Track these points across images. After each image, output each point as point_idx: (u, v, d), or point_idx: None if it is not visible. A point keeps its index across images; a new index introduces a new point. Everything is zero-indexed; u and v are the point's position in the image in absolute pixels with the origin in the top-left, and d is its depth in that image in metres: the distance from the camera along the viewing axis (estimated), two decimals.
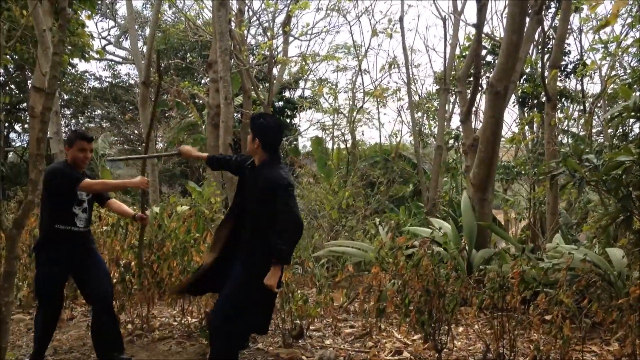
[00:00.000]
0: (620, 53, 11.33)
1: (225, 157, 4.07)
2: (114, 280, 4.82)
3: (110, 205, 4.36)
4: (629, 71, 11.60)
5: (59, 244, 3.98)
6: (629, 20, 11.36)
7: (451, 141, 14.64)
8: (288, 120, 19.75)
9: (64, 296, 4.30)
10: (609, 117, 5.41)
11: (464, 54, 12.99)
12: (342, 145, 15.60)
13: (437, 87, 14.98)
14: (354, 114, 15.05)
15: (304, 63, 15.09)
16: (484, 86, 9.19)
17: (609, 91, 10.93)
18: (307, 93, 20.22)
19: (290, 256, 3.39)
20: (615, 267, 4.93)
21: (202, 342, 4.72)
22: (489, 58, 13.16)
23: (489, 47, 12.95)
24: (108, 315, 4.13)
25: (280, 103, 19.19)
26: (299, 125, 20.06)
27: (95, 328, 4.12)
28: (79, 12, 9.48)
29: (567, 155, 5.43)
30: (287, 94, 19.93)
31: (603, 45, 11.81)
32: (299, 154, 17.91)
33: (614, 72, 11.91)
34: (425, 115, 16.89)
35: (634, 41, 9.24)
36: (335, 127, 16.33)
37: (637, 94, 5.43)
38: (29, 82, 14.24)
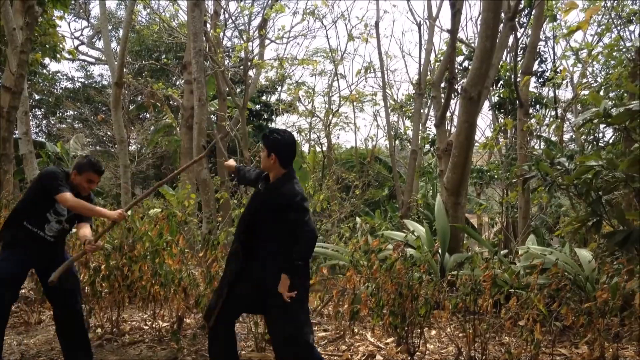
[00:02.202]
0: (590, 61, 11.56)
1: (247, 171, 4.02)
2: (83, 283, 4.73)
3: (78, 227, 4.14)
4: (598, 78, 11.85)
5: (20, 243, 3.87)
6: (599, 30, 11.62)
7: (427, 146, 14.76)
8: (264, 124, 19.71)
9: (17, 298, 4.09)
10: (580, 122, 5.49)
11: (440, 59, 13.11)
12: (318, 149, 15.60)
13: (414, 91, 15.09)
14: (330, 117, 15.07)
15: (280, 66, 15.06)
16: (459, 91, 9.28)
17: (582, 97, 11.15)
18: (284, 97, 20.21)
19: (296, 269, 3.32)
20: (585, 271, 5.00)
21: (173, 346, 4.65)
22: (466, 64, 13.31)
23: (467, 53, 13.10)
24: (78, 319, 4.06)
25: (257, 106, 19.14)
26: None
27: (64, 333, 4.03)
28: (49, 12, 9.33)
29: (539, 158, 5.50)
30: (264, 97, 19.91)
31: (574, 53, 12.04)
32: None
33: (585, 80, 12.14)
34: (400, 119, 17.00)
35: (605, 47, 9.43)
36: (312, 130, 16.35)
37: (607, 101, 5.53)
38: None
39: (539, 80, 13.34)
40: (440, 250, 6.27)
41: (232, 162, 4.22)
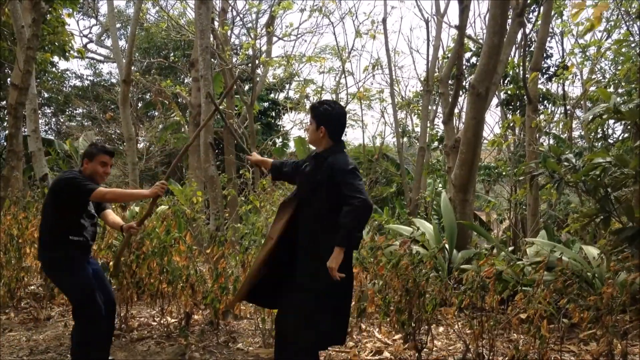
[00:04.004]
0: (599, 57, 11.48)
1: (284, 164, 3.77)
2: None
3: (105, 216, 4.14)
4: (607, 75, 11.77)
5: (74, 254, 3.82)
6: (607, 26, 11.53)
7: (435, 143, 14.72)
8: (272, 122, 19.73)
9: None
10: (589, 118, 5.45)
11: (448, 55, 13.07)
12: None
13: (422, 88, 15.05)
14: None
15: (287, 64, 15.07)
16: (467, 88, 9.23)
17: (590, 93, 11.07)
18: (292, 94, 20.23)
19: (357, 239, 3.11)
20: (593, 267, 4.97)
21: (181, 342, 4.67)
22: (474, 60, 13.25)
23: (474, 49, 13.04)
24: (112, 320, 4.11)
25: (265, 104, 19.16)
26: (283, 127, 20.05)
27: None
28: (58, 9, 9.38)
29: (547, 155, 5.47)
30: (272, 95, 19.93)
31: (581, 50, 11.96)
32: (283, 154, 17.91)
33: (593, 76, 12.06)
34: (408, 116, 16.97)
35: (614, 42, 9.36)
36: None
37: (616, 97, 5.49)
38: (8, 79, 14.06)
39: (545, 76, 13.25)
40: (447, 247, 6.25)
41: (257, 155, 3.99)
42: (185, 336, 4.62)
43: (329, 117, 3.31)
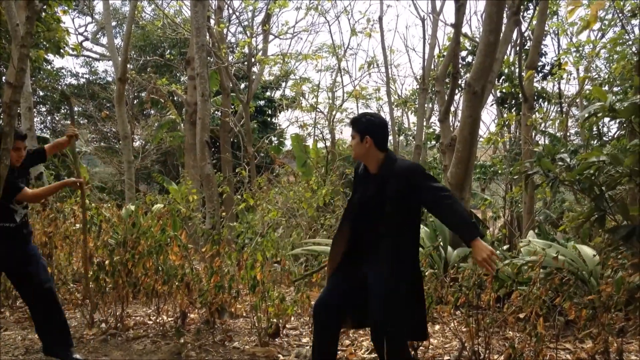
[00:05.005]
0: (594, 56, 11.51)
1: None
2: (87, 279, 4.77)
3: (48, 153, 4.54)
4: (602, 73, 11.79)
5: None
6: (602, 26, 11.55)
7: (432, 141, 14.73)
8: (269, 120, 19.72)
9: None
10: (585, 116, 5.46)
11: (444, 53, 13.07)
12: (321, 144, 15.59)
13: (418, 86, 15.05)
14: (334, 112, 15.06)
15: (283, 62, 15.06)
16: (463, 86, 9.24)
17: (586, 92, 11.09)
18: (288, 92, 20.22)
19: (478, 227, 3.18)
20: (589, 265, 4.99)
21: (176, 341, 4.66)
22: (470, 59, 13.27)
23: (470, 48, 13.05)
24: (51, 312, 4.15)
25: (262, 102, 19.14)
26: (279, 125, 20.04)
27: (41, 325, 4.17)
28: (53, 7, 9.34)
29: (541, 155, 5.47)
30: (268, 93, 19.92)
31: (575, 49, 11.98)
32: (280, 152, 17.90)
33: (589, 74, 12.08)
34: (404, 114, 16.99)
35: (609, 41, 9.38)
36: (315, 125, 16.33)
37: (611, 95, 5.50)
38: (3, 77, 14.00)
39: (540, 74, 13.28)
40: (442, 245, 6.25)
41: None
42: (181, 335, 4.61)
43: (373, 127, 3.32)
